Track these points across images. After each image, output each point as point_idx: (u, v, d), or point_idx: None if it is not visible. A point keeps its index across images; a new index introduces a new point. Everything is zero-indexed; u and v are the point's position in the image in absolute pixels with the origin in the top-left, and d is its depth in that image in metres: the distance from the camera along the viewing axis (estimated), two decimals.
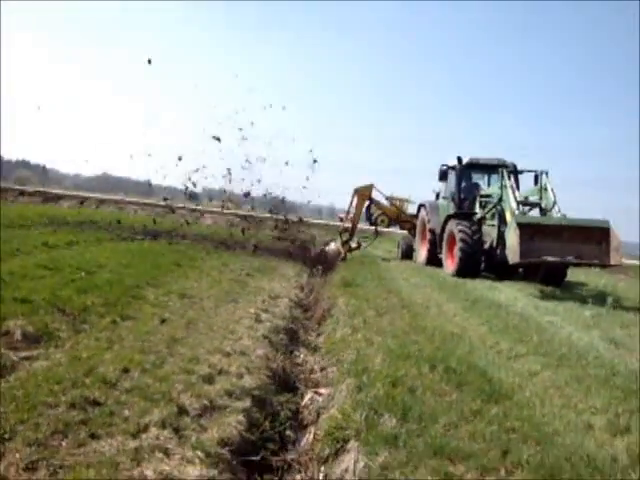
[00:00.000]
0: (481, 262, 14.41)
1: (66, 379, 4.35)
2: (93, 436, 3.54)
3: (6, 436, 3.37)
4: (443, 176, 17.28)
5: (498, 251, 13.66)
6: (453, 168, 16.88)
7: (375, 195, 19.90)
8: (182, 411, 4.17)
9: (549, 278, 13.40)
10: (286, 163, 19.31)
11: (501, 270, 13.94)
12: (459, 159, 16.62)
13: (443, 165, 17.36)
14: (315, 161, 19.29)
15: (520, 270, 13.42)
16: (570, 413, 4.55)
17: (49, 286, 7.42)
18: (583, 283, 15.63)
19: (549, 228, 11.63)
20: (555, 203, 12.70)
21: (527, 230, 11.18)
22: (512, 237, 11.28)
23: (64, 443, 3.40)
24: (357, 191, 19.47)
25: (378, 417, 4.38)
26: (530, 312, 9.39)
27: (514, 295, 11.38)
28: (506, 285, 12.78)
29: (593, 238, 11.47)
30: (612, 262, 11.37)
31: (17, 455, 3.15)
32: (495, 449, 3.76)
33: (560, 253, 11.26)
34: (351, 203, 19.72)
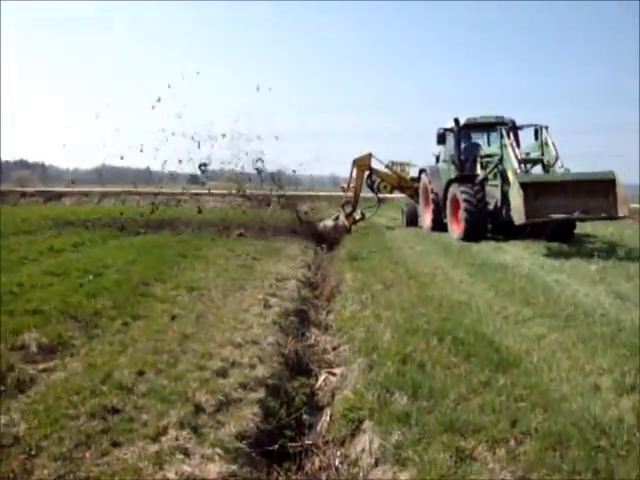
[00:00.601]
0: (487, 225, 14.32)
1: (84, 388, 4.47)
2: (115, 444, 3.66)
3: (32, 452, 3.50)
4: (441, 139, 17.10)
5: (503, 211, 13.58)
6: (451, 130, 16.67)
7: (374, 163, 19.83)
8: (199, 409, 4.28)
9: (557, 235, 13.25)
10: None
11: (507, 230, 13.80)
12: (456, 120, 16.39)
13: (440, 128, 17.15)
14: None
15: (527, 229, 13.28)
16: (577, 376, 4.63)
17: (59, 293, 7.54)
18: (589, 235, 15.59)
19: (553, 185, 11.48)
20: (557, 158, 12.55)
21: (531, 189, 11.06)
22: (516, 198, 11.18)
23: (88, 454, 3.52)
24: (356, 162, 19.46)
25: (390, 395, 4.49)
26: (536, 272, 9.44)
27: (520, 255, 11.41)
28: (511, 245, 12.78)
29: (599, 191, 11.32)
30: (620, 214, 11.27)
31: (45, 471, 3.28)
32: (504, 420, 3.86)
33: (566, 209, 11.13)
34: (351, 174, 19.69)
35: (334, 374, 5.94)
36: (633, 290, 7.77)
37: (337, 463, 4.15)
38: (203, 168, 19.68)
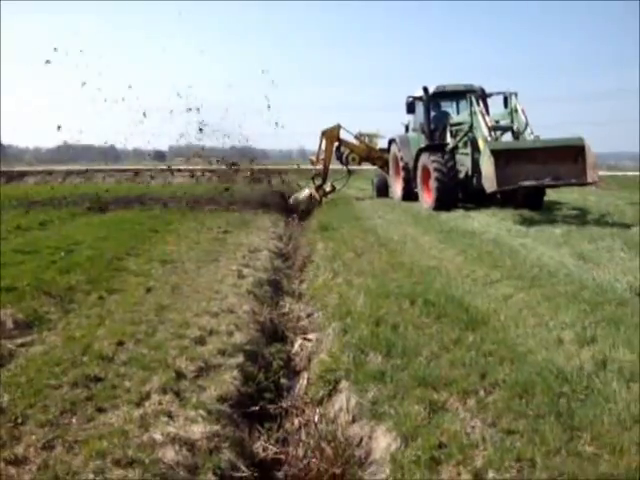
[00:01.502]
0: (458, 194, 14.29)
1: (64, 360, 4.54)
2: (100, 410, 3.75)
3: (19, 421, 3.57)
4: (411, 108, 16.90)
5: (474, 180, 13.51)
6: (420, 99, 16.49)
7: (343, 134, 19.52)
8: (180, 375, 4.39)
9: (527, 202, 13.24)
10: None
11: (478, 198, 13.84)
12: (425, 89, 16.21)
13: (409, 97, 16.91)
14: None
15: (498, 196, 13.28)
16: (542, 331, 4.87)
17: (31, 270, 7.52)
18: (555, 201, 15.92)
19: (523, 152, 11.48)
20: (527, 125, 12.50)
21: (502, 157, 11.02)
22: (487, 165, 11.13)
23: (74, 420, 3.61)
24: (324, 133, 19.11)
25: (365, 356, 4.67)
26: (503, 237, 9.69)
27: (487, 221, 11.65)
28: (479, 212, 12.99)
29: (568, 157, 11.36)
30: (589, 180, 11.34)
31: (33, 437, 3.36)
32: (474, 373, 4.07)
33: (537, 176, 11.15)
34: (320, 146, 19.46)
35: (309, 339, 6.08)
36: (595, 251, 8.07)
37: (316, 421, 4.30)
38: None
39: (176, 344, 5.03)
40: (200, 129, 19.18)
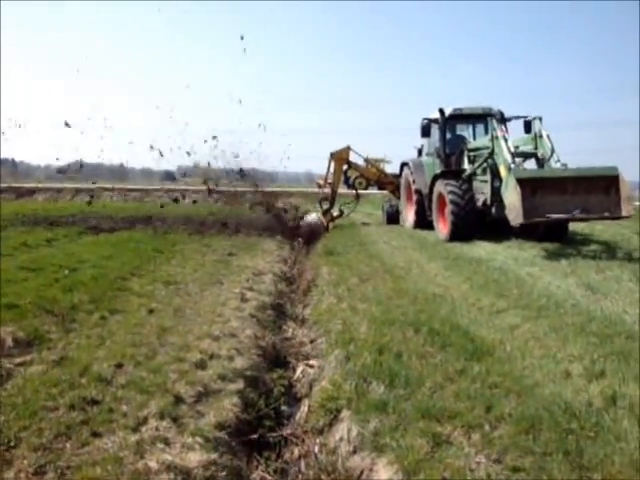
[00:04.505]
0: (475, 224, 13.32)
1: (62, 381, 4.46)
2: (95, 434, 3.67)
3: (11, 443, 3.49)
4: (426, 131, 16.02)
5: (493, 209, 12.83)
6: (436, 121, 15.82)
7: (352, 157, 19.13)
8: (178, 400, 4.31)
9: (550, 234, 12.26)
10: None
11: (497, 229, 13.01)
12: (441, 111, 15.54)
13: (424, 119, 16.13)
14: None
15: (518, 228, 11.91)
16: (549, 363, 4.77)
17: (34, 288, 7.48)
18: None
19: (551, 181, 10.50)
20: (553, 151, 11.56)
21: (527, 186, 10.11)
22: (512, 195, 10.24)
23: (68, 445, 3.53)
24: (334, 155, 18.66)
25: (367, 385, 4.57)
26: (509, 265, 9.61)
27: (493, 249, 11.54)
28: (485, 240, 12.79)
29: (600, 188, 10.44)
30: (624, 213, 10.32)
31: (25, 461, 3.28)
32: (479, 406, 3.97)
33: (566, 208, 10.23)
34: (328, 169, 19.08)
35: (311, 366, 5.99)
36: (603, 282, 7.97)
37: (316, 451, 4.20)
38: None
39: (176, 368, 4.96)
40: (241, 173, 19.05)
